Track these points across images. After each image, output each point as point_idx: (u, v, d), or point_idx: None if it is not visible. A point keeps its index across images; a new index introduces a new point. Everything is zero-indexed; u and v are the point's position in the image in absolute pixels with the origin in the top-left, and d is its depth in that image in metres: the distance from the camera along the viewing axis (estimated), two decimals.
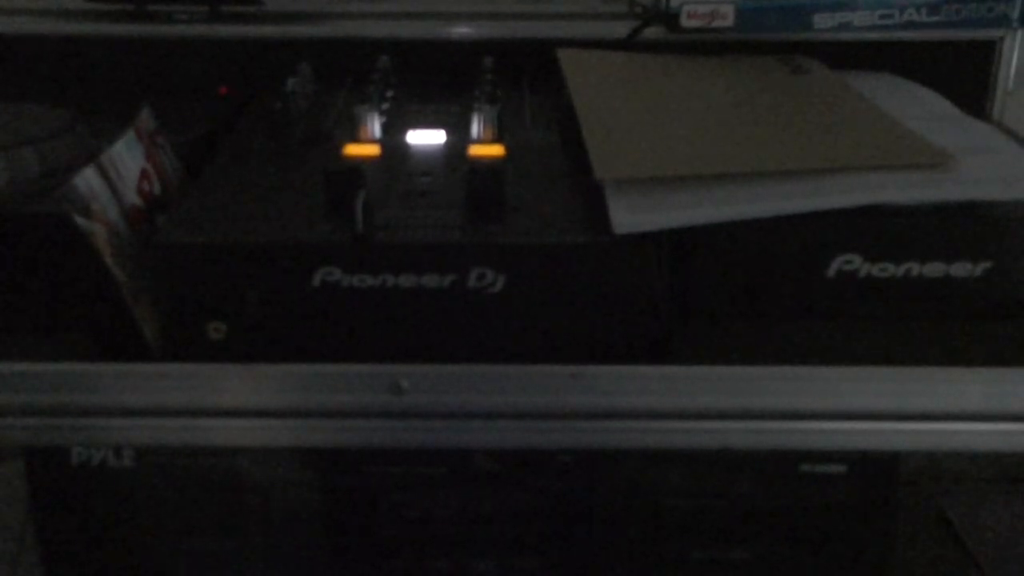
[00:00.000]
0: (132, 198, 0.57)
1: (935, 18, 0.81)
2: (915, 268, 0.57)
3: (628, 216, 0.54)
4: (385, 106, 0.73)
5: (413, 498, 0.58)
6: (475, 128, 0.68)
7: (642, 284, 0.55)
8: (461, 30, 0.86)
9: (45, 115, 0.63)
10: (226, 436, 0.56)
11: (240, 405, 0.55)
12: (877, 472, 0.56)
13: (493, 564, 0.60)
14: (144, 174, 0.59)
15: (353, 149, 0.67)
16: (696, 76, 0.77)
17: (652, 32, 0.84)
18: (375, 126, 0.68)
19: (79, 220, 0.52)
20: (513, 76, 0.81)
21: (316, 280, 0.54)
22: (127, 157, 0.58)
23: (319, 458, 0.57)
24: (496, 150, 0.67)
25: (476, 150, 0.67)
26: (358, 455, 0.56)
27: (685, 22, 0.81)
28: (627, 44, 0.84)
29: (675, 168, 0.58)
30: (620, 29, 0.85)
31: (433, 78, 0.82)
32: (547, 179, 0.63)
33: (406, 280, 0.54)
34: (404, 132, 0.70)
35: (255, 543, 0.59)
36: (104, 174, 0.55)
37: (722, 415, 0.56)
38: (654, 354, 0.56)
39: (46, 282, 0.55)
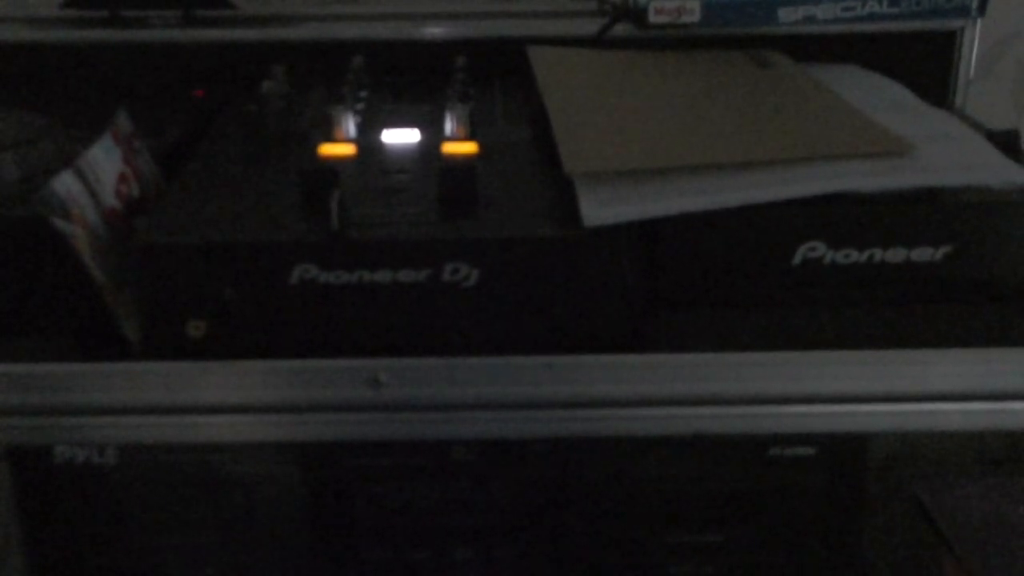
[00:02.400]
0: (110, 201, 0.58)
1: (896, 9, 0.82)
2: (877, 254, 0.59)
3: (597, 209, 0.56)
4: (359, 106, 0.74)
5: (393, 490, 0.59)
6: (448, 126, 0.69)
7: (613, 275, 0.57)
8: (433, 30, 0.87)
9: (23, 121, 0.64)
10: (208, 432, 0.57)
11: (221, 402, 0.56)
12: (846, 454, 0.58)
13: (472, 554, 0.61)
14: (122, 177, 0.60)
15: (328, 149, 0.68)
16: (664, 71, 0.78)
17: (621, 29, 0.85)
18: (350, 126, 0.69)
19: (58, 223, 0.53)
20: (485, 75, 0.82)
21: (293, 277, 0.55)
22: (104, 160, 0.59)
23: (300, 453, 0.58)
24: (469, 147, 0.68)
25: (449, 147, 0.68)
26: (338, 449, 0.57)
27: (653, 18, 0.83)
28: (597, 41, 0.85)
29: (643, 161, 0.60)
30: (590, 27, 0.86)
31: (406, 78, 0.83)
32: (519, 174, 0.64)
33: (382, 276, 0.55)
34: (379, 131, 0.71)
35: (238, 538, 0.60)
36: (82, 177, 0.56)
37: (693, 401, 0.57)
38: (626, 344, 0.57)
39: (26, 284, 0.56)
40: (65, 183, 0.54)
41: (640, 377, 0.57)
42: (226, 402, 0.57)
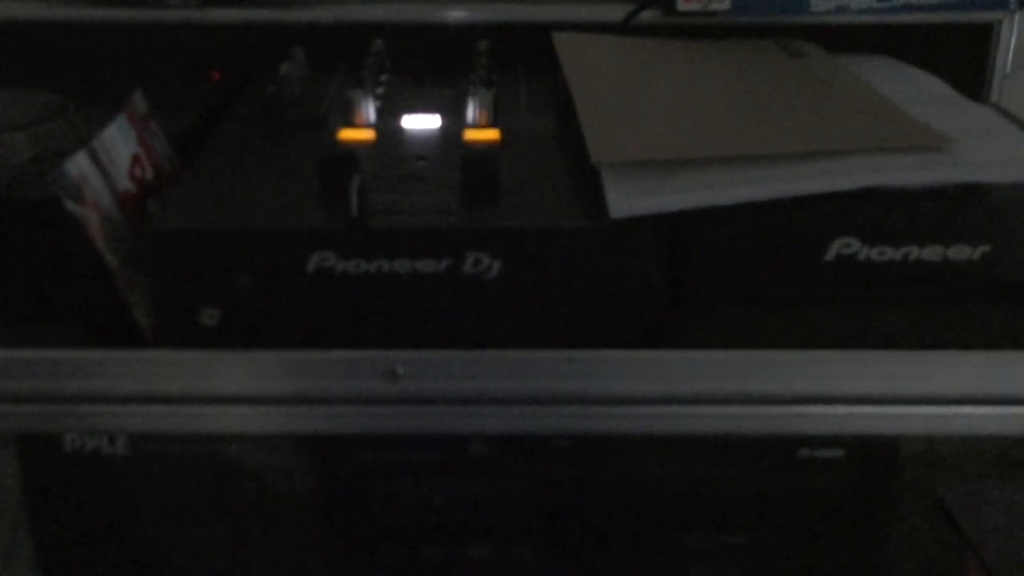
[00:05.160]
0: (124, 183, 0.57)
1: (932, 1, 0.80)
2: (914, 251, 0.57)
3: (624, 200, 0.54)
4: (379, 90, 0.72)
5: (408, 485, 0.58)
6: (470, 112, 0.68)
7: (638, 268, 0.55)
8: (456, 13, 0.85)
9: (36, 100, 0.62)
10: (220, 423, 0.56)
11: (234, 392, 0.55)
12: (875, 456, 0.56)
13: (487, 551, 0.59)
14: (136, 159, 0.59)
15: (348, 134, 0.66)
16: (693, 59, 0.76)
17: (648, 15, 0.83)
18: (370, 110, 0.68)
19: (71, 206, 0.52)
20: (508, 60, 0.80)
21: (311, 265, 0.53)
22: (119, 142, 0.57)
23: (314, 445, 0.56)
24: (491, 134, 0.66)
25: (471, 134, 0.66)
26: (353, 441, 0.56)
27: (681, 5, 0.81)
28: (623, 28, 0.83)
29: (671, 151, 0.58)
30: (615, 12, 0.84)
31: (428, 62, 0.81)
32: (542, 163, 0.63)
33: (401, 265, 0.54)
34: (399, 116, 0.69)
35: (248, 531, 0.59)
36: (96, 159, 0.54)
37: (718, 400, 0.56)
38: (650, 339, 0.56)
39: (38, 268, 0.55)
40: (78, 165, 0.53)
41: (664, 374, 0.56)
42: (239, 392, 0.55)
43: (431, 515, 0.58)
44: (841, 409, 0.55)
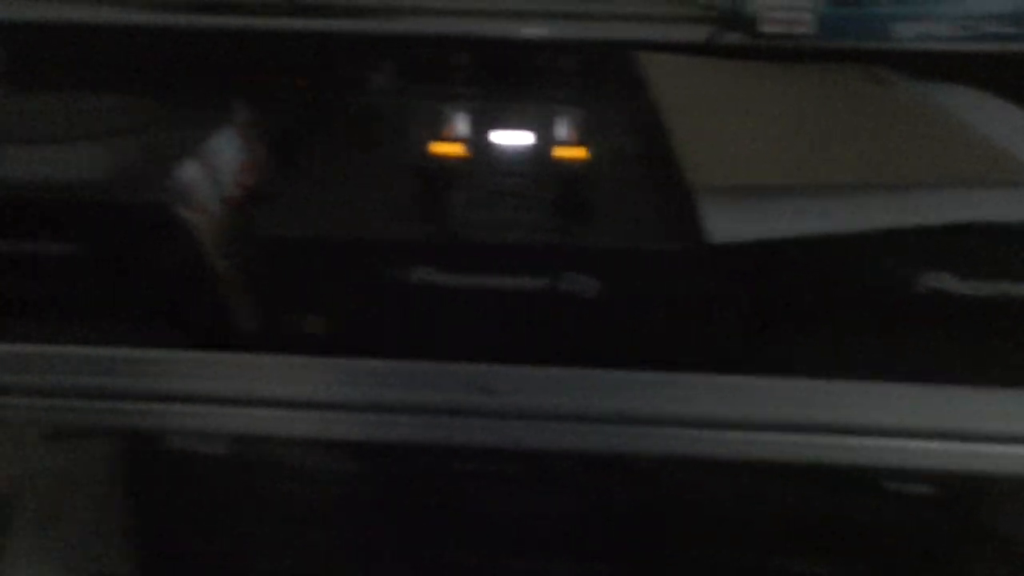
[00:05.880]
0: (230, 189, 0.58)
1: (1018, 30, 0.80)
2: (1007, 287, 0.57)
3: (724, 225, 0.54)
4: (468, 105, 0.73)
5: (494, 497, 0.58)
6: (559, 130, 0.68)
7: (733, 293, 0.55)
8: (541, 30, 0.86)
9: (142, 105, 0.63)
10: (317, 428, 0.57)
11: (331, 398, 0.56)
12: (963, 493, 0.56)
13: (568, 568, 0.60)
14: (240, 165, 0.60)
15: (439, 147, 0.67)
16: (777, 84, 0.77)
17: (730, 37, 0.84)
18: (461, 125, 0.69)
19: (182, 211, 0.53)
20: (592, 78, 0.81)
21: (412, 278, 0.54)
22: (226, 149, 0.58)
23: (407, 454, 0.57)
24: (580, 152, 0.67)
25: (560, 152, 0.67)
26: (444, 452, 0.57)
27: (764, 28, 0.81)
28: (705, 49, 0.83)
29: (769, 177, 0.58)
30: (694, 32, 0.85)
31: (512, 77, 0.82)
32: (633, 183, 0.63)
33: (500, 281, 0.54)
34: (488, 132, 0.70)
35: (336, 534, 0.60)
36: (206, 165, 0.56)
37: (808, 429, 0.56)
38: (741, 365, 0.56)
39: (147, 270, 0.56)
40: (189, 171, 0.54)
41: (754, 400, 0.56)
42: (335, 399, 0.56)
43: (514, 529, 0.59)
44: (931, 444, 0.55)
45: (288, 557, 0.61)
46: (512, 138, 0.70)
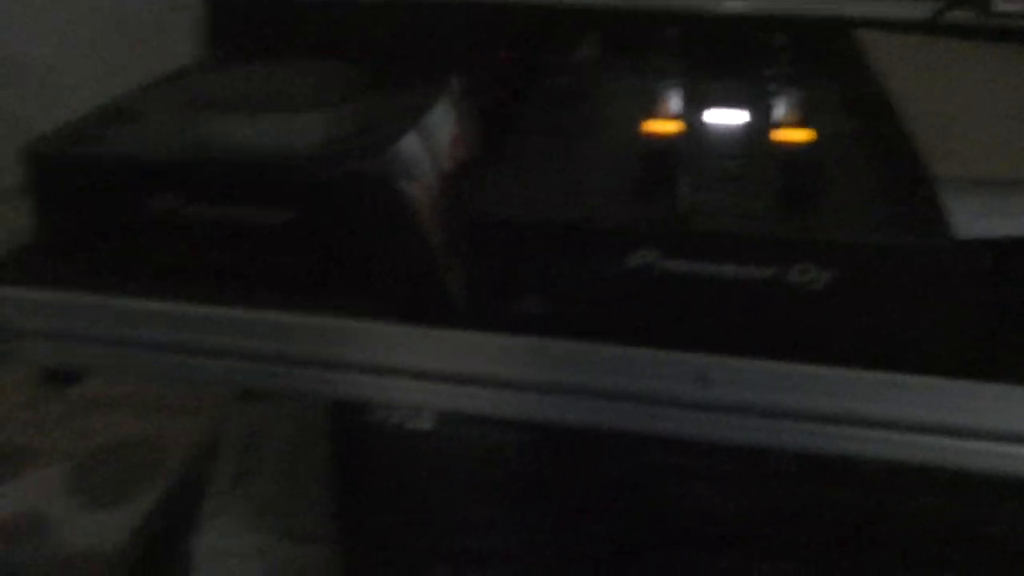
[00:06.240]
0: (445, 164, 0.58)
1: None
2: None
3: (970, 219, 0.51)
4: (681, 81, 0.70)
5: (704, 492, 0.56)
6: (779, 110, 0.65)
7: (974, 293, 0.52)
8: (754, 5, 0.82)
9: (358, 76, 0.64)
10: (524, 410, 0.56)
11: (539, 380, 0.55)
12: None
13: (776, 568, 0.58)
14: (454, 140, 0.59)
15: (654, 126, 0.65)
16: (1014, 66, 0.71)
17: (958, 15, 0.78)
18: (676, 102, 0.66)
19: (402, 184, 0.53)
20: (805, 56, 0.77)
21: (631, 262, 0.52)
22: (441, 123, 0.58)
23: (615, 441, 0.56)
24: (803, 135, 0.63)
25: (782, 134, 0.64)
26: (654, 442, 0.55)
27: (998, 6, 0.76)
28: (930, 26, 0.78)
29: (1018, 171, 0.54)
30: (919, 10, 0.80)
31: (721, 53, 0.79)
32: (858, 170, 0.60)
33: (725, 269, 0.52)
34: (702, 110, 0.68)
35: (537, 517, 0.59)
36: (424, 140, 0.55)
37: None
38: (980, 369, 0.52)
39: (363, 242, 0.56)
40: (410, 144, 0.54)
41: (991, 408, 0.52)
42: (543, 381, 0.55)
43: (723, 525, 0.57)
44: None
45: (480, 537, 0.60)
46: (730, 118, 0.67)
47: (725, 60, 0.78)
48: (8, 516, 0.93)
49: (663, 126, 0.65)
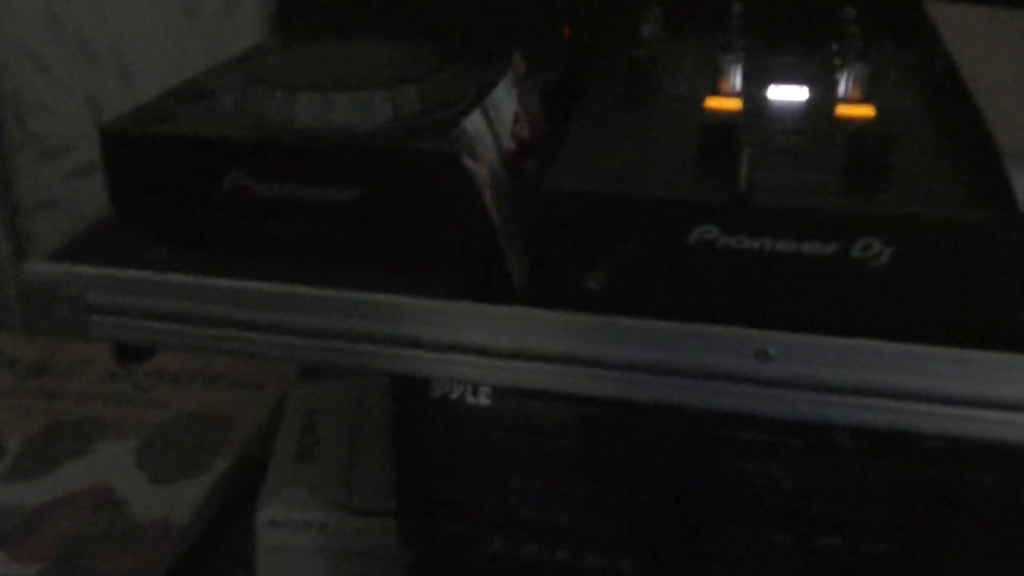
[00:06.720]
0: (507, 142, 0.58)
1: None
2: None
3: None
4: (743, 56, 0.70)
5: (763, 467, 0.57)
6: (843, 85, 0.65)
7: None
8: None
9: (422, 54, 0.64)
10: (581, 385, 0.56)
11: (598, 356, 0.55)
12: None
13: (836, 543, 0.58)
14: (517, 118, 0.60)
15: (715, 102, 0.65)
16: None
17: None
18: (737, 78, 0.66)
19: (468, 161, 0.53)
20: (869, 27, 0.76)
21: (692, 238, 0.53)
22: (504, 101, 0.58)
23: (671, 417, 0.56)
24: (866, 111, 0.63)
25: (845, 110, 0.63)
26: (713, 417, 0.55)
27: None
28: None
29: None
30: None
31: (784, 29, 0.78)
32: (923, 143, 0.59)
33: (785, 245, 0.52)
34: (764, 86, 0.67)
35: (594, 492, 0.60)
36: (487, 117, 0.56)
37: None
38: None
39: (426, 218, 0.57)
40: (475, 122, 0.54)
41: None
42: (602, 357, 0.56)
43: (782, 501, 0.57)
44: None
45: (536, 510, 0.61)
46: (791, 94, 0.66)
47: (791, 35, 0.77)
48: (80, 490, 0.96)
49: (725, 103, 0.65)
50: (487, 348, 0.57)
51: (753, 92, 0.66)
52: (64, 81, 1.23)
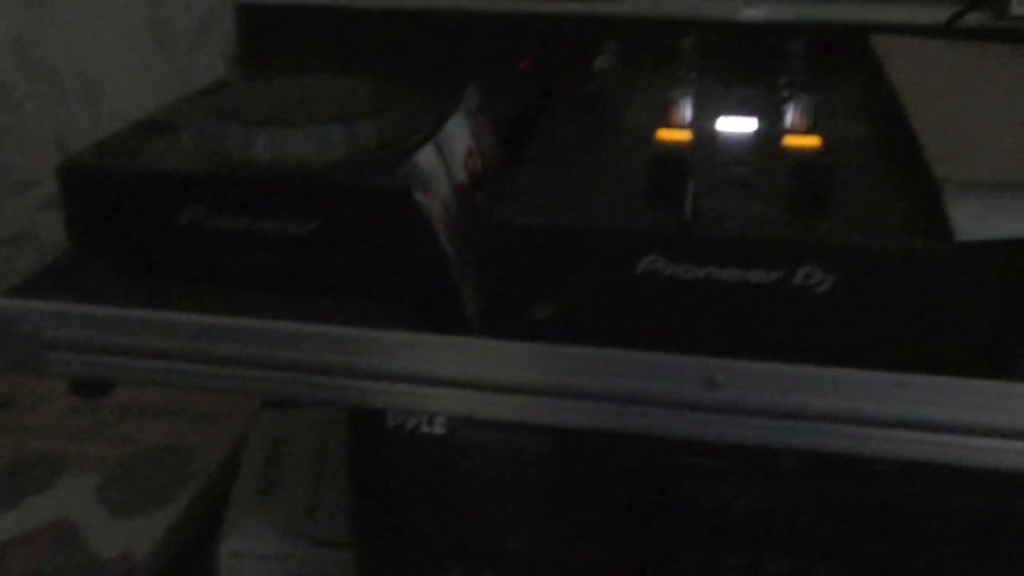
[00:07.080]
0: (460, 175, 0.59)
1: None
2: None
3: (973, 222, 0.51)
4: (693, 90, 0.72)
5: (712, 492, 0.57)
6: (789, 117, 0.66)
7: (979, 294, 0.52)
8: (766, 12, 0.83)
9: (378, 88, 0.65)
10: (535, 414, 0.57)
11: (551, 384, 0.56)
12: None
13: (785, 567, 0.59)
14: (470, 152, 0.61)
15: (666, 134, 0.66)
16: None
17: (974, 18, 0.79)
18: (687, 111, 0.67)
19: (420, 196, 0.54)
20: (817, 62, 0.78)
21: (640, 267, 0.54)
22: (457, 134, 0.59)
23: (623, 444, 0.57)
24: (812, 141, 0.64)
25: (791, 141, 0.65)
26: (663, 444, 0.56)
27: (1016, 9, 0.76)
28: (946, 31, 0.79)
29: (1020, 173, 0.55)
30: (935, 13, 0.81)
31: (734, 61, 0.80)
32: (866, 174, 0.61)
33: (731, 274, 0.53)
34: (713, 118, 0.69)
35: (548, 519, 0.60)
36: (440, 151, 0.57)
37: None
38: (987, 369, 0.53)
39: (379, 252, 0.58)
40: (427, 157, 0.55)
41: (1000, 406, 0.53)
42: (554, 385, 0.56)
43: (732, 524, 0.58)
44: None
45: (494, 539, 0.62)
46: (740, 126, 0.68)
47: (741, 68, 0.79)
48: (42, 526, 0.95)
49: (674, 134, 0.66)
50: (441, 378, 0.58)
51: (703, 123, 0.68)
52: (32, 114, 1.23)
